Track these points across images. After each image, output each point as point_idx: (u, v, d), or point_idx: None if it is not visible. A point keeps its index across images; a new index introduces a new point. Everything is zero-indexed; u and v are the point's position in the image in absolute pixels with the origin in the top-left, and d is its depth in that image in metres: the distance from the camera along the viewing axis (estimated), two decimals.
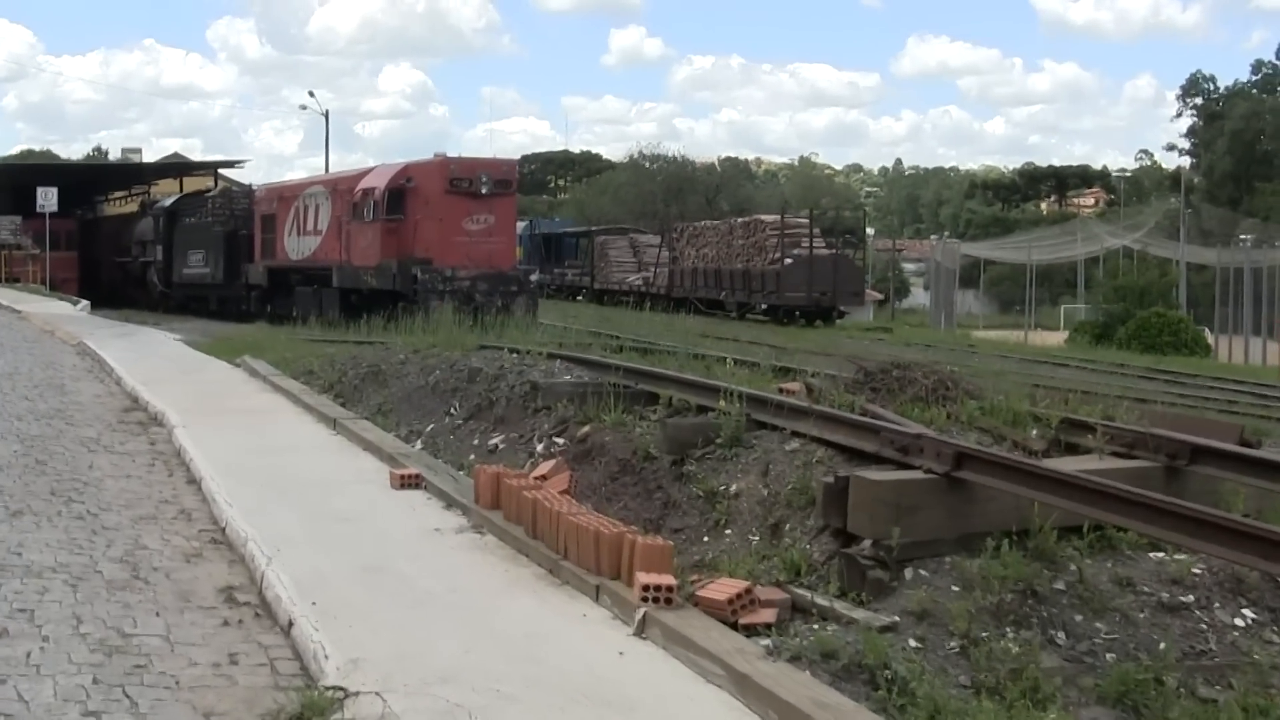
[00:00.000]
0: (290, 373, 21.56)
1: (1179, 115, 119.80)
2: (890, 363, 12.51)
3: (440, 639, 7.99)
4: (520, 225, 63.78)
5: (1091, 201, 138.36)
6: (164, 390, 19.87)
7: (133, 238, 56.17)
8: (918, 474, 8.98)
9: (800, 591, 8.59)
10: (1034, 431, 10.86)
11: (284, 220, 41.74)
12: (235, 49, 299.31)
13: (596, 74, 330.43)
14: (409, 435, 15.69)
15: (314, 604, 8.59)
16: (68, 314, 41.85)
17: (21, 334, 33.28)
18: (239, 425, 16.67)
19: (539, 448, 13.15)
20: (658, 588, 8.25)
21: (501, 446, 13.94)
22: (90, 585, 9.55)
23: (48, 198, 55.43)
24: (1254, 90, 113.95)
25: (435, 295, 32.55)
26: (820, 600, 8.40)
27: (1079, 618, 8.24)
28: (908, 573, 8.55)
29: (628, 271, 66.83)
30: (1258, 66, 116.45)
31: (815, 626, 8.11)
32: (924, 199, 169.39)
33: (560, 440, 13.00)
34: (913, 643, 7.83)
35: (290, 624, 8.45)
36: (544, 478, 11.42)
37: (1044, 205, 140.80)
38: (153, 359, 25.66)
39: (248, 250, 44.52)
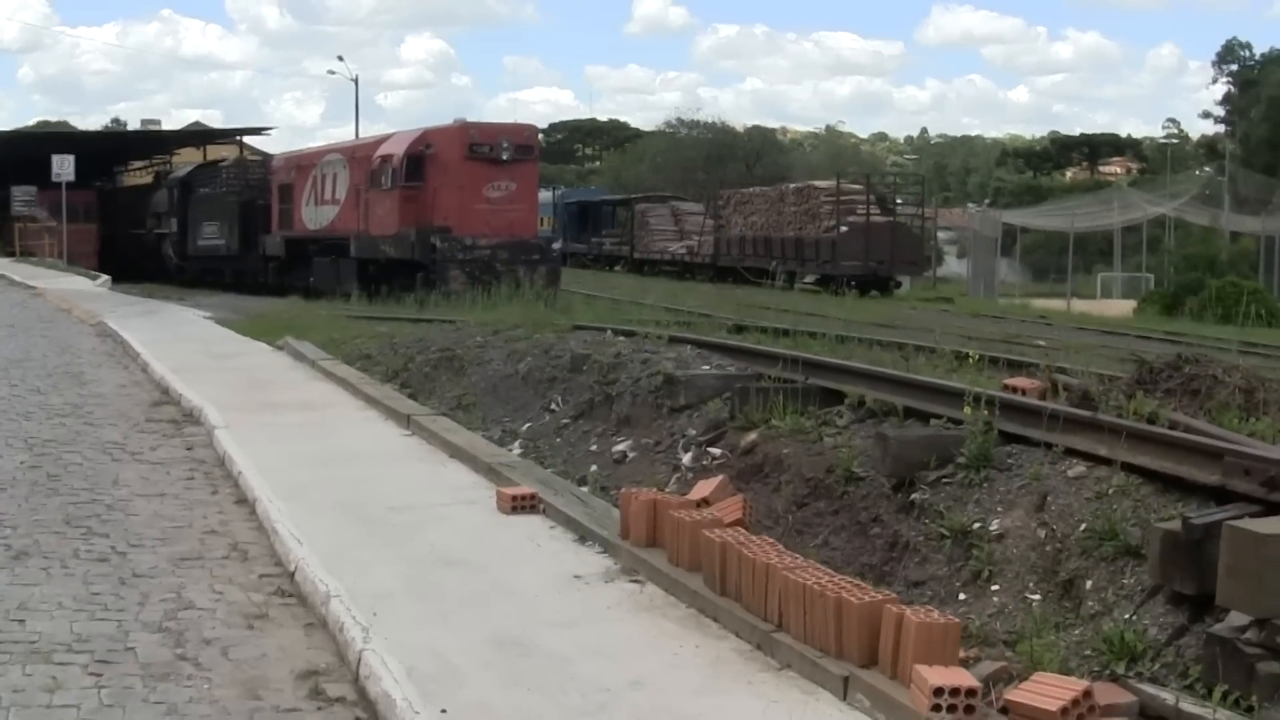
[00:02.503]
0: (342, 357, 18.87)
1: (1214, 82, 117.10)
2: (1179, 356, 9.67)
3: None
4: (546, 194, 61.97)
5: (1118, 170, 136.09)
6: (198, 379, 17.21)
7: (148, 209, 54.91)
8: None
9: (1152, 691, 5.89)
10: None
11: (301, 190, 40.71)
12: (255, 19, 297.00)
13: (619, 43, 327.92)
14: (502, 437, 13.03)
15: (444, 712, 5.91)
16: (87, 290, 39.43)
17: (36, 313, 30.64)
18: (291, 424, 14.00)
19: (685, 459, 10.40)
20: (955, 690, 5.58)
21: (632, 455, 11.20)
22: (120, 674, 6.86)
23: (64, 166, 52.95)
24: None
25: (454, 264, 32.15)
26: (1191, 707, 5.68)
27: None
28: None
29: (669, 240, 64.23)
30: None
31: None
32: (951, 167, 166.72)
33: (716, 450, 10.23)
34: None
35: None
36: (706, 502, 8.72)
37: (1069, 174, 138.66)
38: (182, 341, 22.99)
39: (264, 221, 43.51)
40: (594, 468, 11.30)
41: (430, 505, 10.09)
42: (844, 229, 50.41)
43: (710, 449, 10.28)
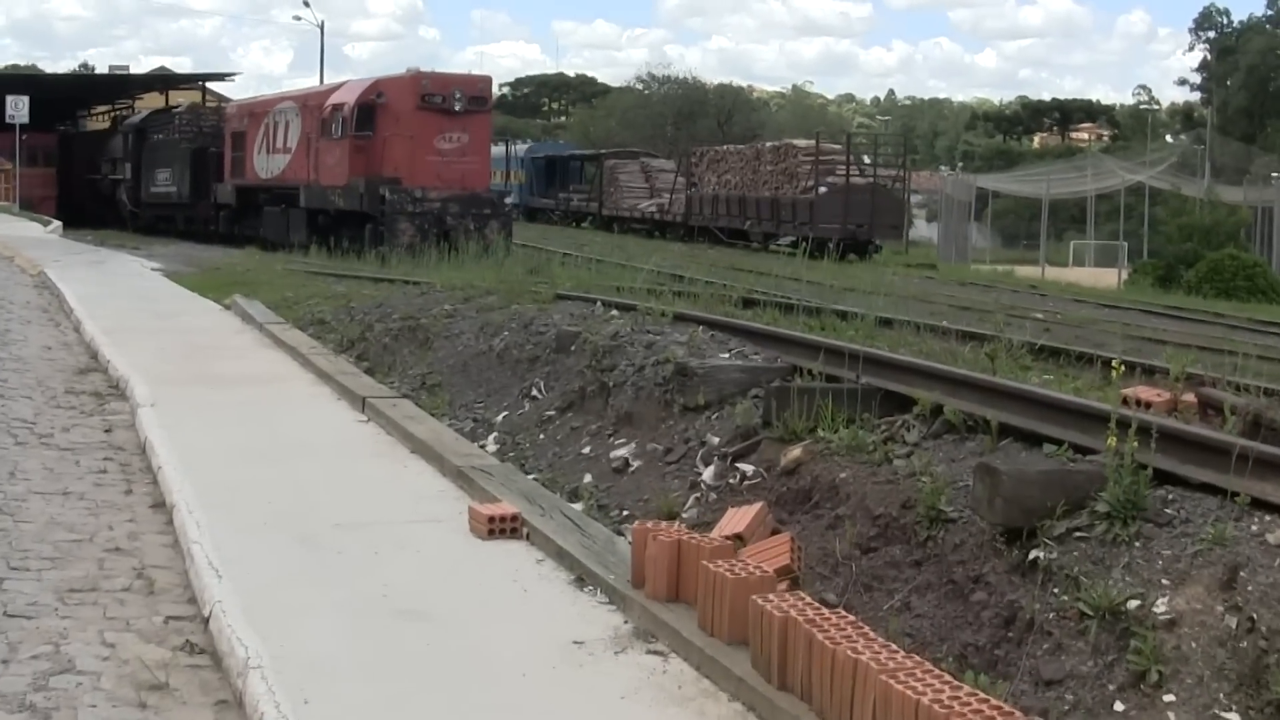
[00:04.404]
0: (295, 320, 16.92)
1: (1191, 48, 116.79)
2: None
3: None
4: (499, 148, 60.73)
5: (1086, 136, 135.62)
6: (132, 343, 15.30)
7: (104, 155, 54.13)
8: None
9: None
10: None
11: (254, 138, 39.73)
12: None
13: None
14: (474, 429, 11.08)
15: None
16: (35, 236, 37.81)
17: None
18: (230, 403, 12.07)
19: (707, 474, 8.39)
20: None
21: (636, 464, 9.17)
22: None
23: (18, 107, 51.28)
24: (1268, 25, 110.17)
25: (404, 217, 31.45)
26: None
27: None
28: None
29: (639, 198, 62.39)
30: (1274, 1, 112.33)
31: None
32: (919, 130, 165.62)
33: (747, 466, 8.22)
34: None
35: None
36: (740, 538, 6.87)
37: (1037, 139, 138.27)
38: (123, 296, 21.03)
39: (216, 169, 42.60)
40: (588, 477, 9.30)
41: (387, 522, 8.16)
42: (823, 190, 48.82)
43: (739, 464, 8.28)
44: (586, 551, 7.19)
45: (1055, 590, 5.90)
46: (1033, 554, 6.14)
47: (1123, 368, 6.92)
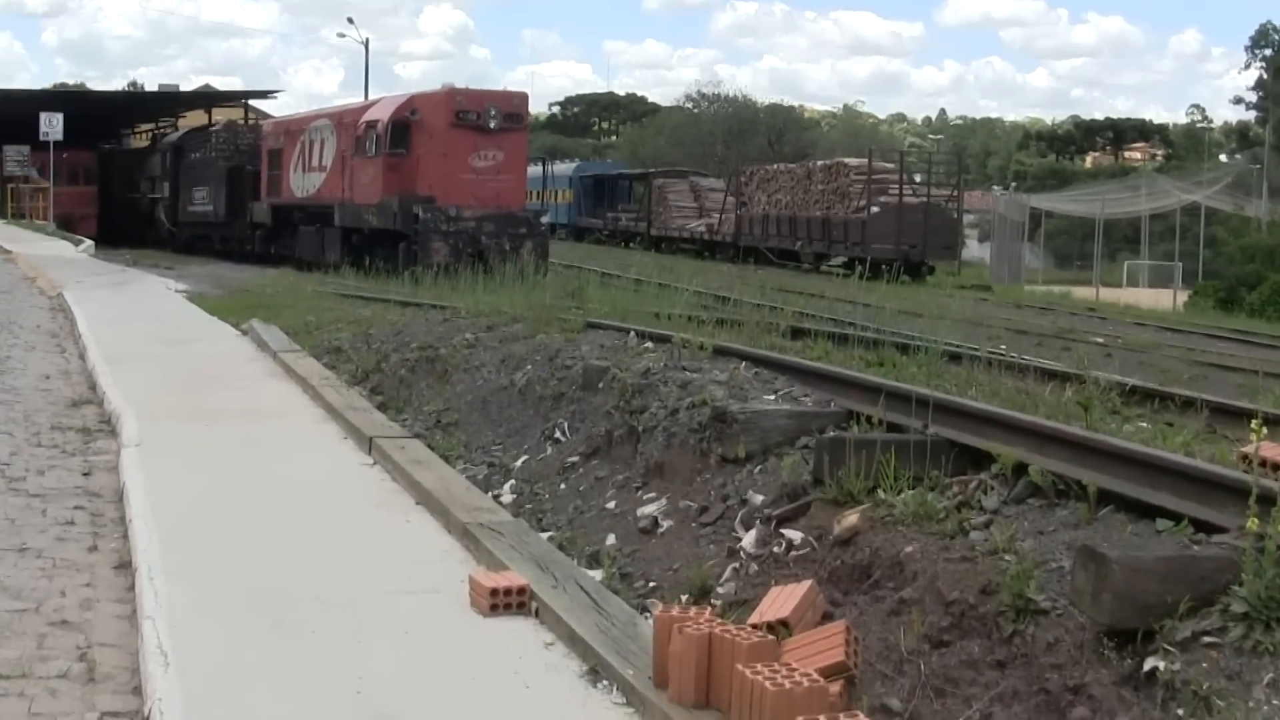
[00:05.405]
0: (311, 347, 15.85)
1: (1247, 67, 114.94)
2: None
3: None
4: (558, 166, 60.41)
5: (1139, 156, 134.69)
6: (134, 372, 14.28)
7: (143, 173, 53.97)
8: None
9: None
10: None
11: (290, 156, 39.34)
12: None
13: (638, 18, 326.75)
14: (489, 475, 9.93)
15: None
16: (65, 256, 37.21)
17: None
18: (226, 441, 10.97)
19: (747, 540, 7.14)
20: None
21: (666, 524, 7.95)
22: None
23: (52, 124, 50.78)
24: None
25: (437, 236, 31.04)
26: None
27: None
28: None
29: (688, 217, 61.50)
30: None
31: None
32: (970, 149, 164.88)
33: (794, 534, 6.98)
34: None
35: None
36: (785, 624, 5.71)
37: (1089, 159, 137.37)
38: (137, 320, 20.04)
39: (253, 187, 42.21)
40: (611, 538, 8.08)
41: (377, 593, 6.98)
42: (875, 209, 47.87)
43: (785, 530, 7.02)
44: (603, 636, 6.02)
45: (1180, 712, 4.57)
46: (1149, 663, 4.87)
47: (1264, 429, 5.46)
